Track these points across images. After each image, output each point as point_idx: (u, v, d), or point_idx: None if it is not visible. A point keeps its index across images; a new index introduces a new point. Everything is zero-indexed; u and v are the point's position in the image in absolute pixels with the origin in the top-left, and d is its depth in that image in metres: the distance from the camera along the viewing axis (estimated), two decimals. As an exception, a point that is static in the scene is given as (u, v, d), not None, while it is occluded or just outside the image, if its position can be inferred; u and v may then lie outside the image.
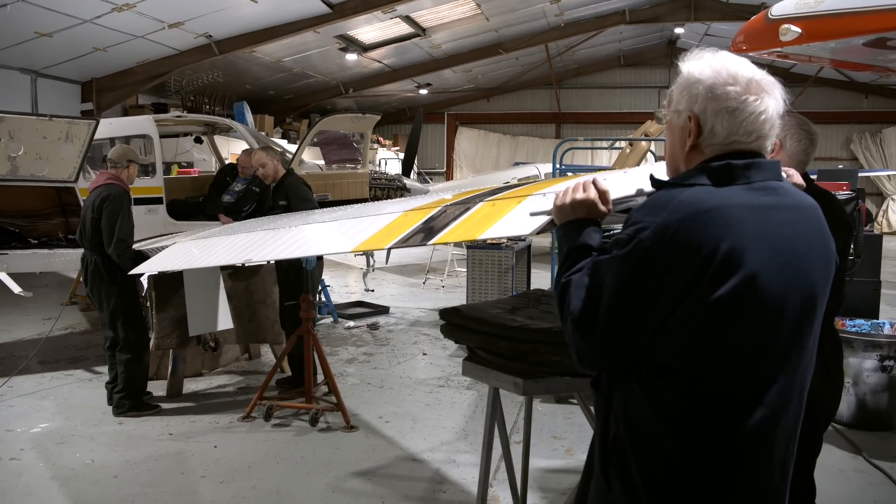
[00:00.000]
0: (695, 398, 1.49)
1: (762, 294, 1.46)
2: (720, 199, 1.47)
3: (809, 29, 4.41)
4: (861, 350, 4.79)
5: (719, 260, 1.42)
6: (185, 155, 11.50)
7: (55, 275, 10.49)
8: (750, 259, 1.44)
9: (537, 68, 20.43)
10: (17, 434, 4.82)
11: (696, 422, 1.49)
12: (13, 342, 7.31)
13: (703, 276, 1.43)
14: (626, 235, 1.50)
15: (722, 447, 1.49)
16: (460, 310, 2.90)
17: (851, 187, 6.21)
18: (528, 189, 2.35)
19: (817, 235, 1.58)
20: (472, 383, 5.79)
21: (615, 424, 1.58)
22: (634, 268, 1.47)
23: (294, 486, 4.06)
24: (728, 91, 1.52)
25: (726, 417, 1.49)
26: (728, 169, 1.52)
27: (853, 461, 4.41)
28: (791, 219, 1.53)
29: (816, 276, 1.55)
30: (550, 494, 3.95)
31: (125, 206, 5.11)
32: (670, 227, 1.44)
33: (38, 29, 9.89)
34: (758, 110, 1.53)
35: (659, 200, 1.51)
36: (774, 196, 1.53)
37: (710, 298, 1.43)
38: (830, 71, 17.38)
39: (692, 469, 1.49)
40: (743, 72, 1.54)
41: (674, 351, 1.49)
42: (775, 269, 1.47)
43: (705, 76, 1.55)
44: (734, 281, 1.43)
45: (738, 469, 1.50)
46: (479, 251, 7.27)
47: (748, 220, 1.46)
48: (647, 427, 1.52)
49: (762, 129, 1.54)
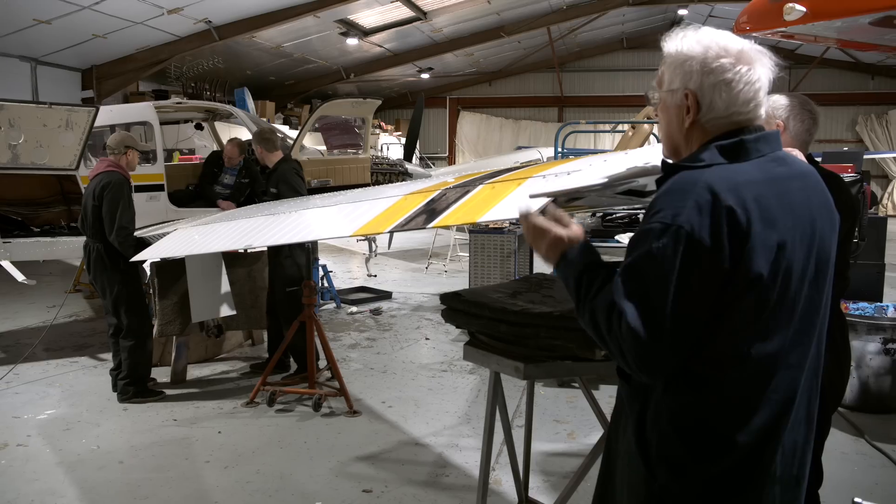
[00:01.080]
0: (739, 378, 1.51)
1: (791, 261, 1.51)
2: (742, 175, 1.50)
3: (815, 7, 4.36)
4: (864, 333, 4.78)
5: (755, 233, 1.44)
6: (187, 142, 11.46)
7: (58, 263, 10.51)
8: (778, 230, 1.48)
9: (539, 51, 20.29)
10: (23, 421, 4.86)
11: (738, 400, 1.52)
12: (18, 330, 7.34)
13: (742, 251, 1.44)
14: (661, 225, 1.45)
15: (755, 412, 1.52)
16: (461, 294, 2.89)
17: (856, 169, 6.18)
18: (528, 171, 2.34)
19: (824, 201, 1.63)
20: (475, 368, 5.80)
21: (660, 421, 1.56)
22: (684, 255, 1.42)
23: (298, 470, 4.08)
24: (723, 63, 1.54)
25: (759, 386, 1.53)
26: (741, 144, 1.54)
27: (855, 444, 4.41)
28: (802, 186, 1.58)
29: (828, 241, 1.61)
30: (553, 478, 3.96)
31: (126, 194, 5.11)
32: (704, 207, 1.43)
33: (36, 16, 9.84)
34: (752, 79, 1.55)
35: (683, 184, 1.49)
36: (786, 166, 1.58)
37: (753, 272, 1.45)
38: (836, 52, 17.24)
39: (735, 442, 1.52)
40: (732, 44, 1.56)
41: (725, 333, 1.48)
42: (798, 237, 1.52)
43: (696, 52, 1.56)
44: (770, 253, 1.47)
45: (772, 427, 1.55)
46: (482, 235, 7.26)
47: (769, 193, 1.50)
48: (694, 416, 1.53)
49: (758, 97, 1.57)
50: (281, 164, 5.72)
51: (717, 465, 1.54)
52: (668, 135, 1.66)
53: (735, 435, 1.53)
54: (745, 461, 1.54)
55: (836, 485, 3.85)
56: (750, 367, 1.52)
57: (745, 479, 1.55)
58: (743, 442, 1.53)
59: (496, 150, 21.75)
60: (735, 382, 1.52)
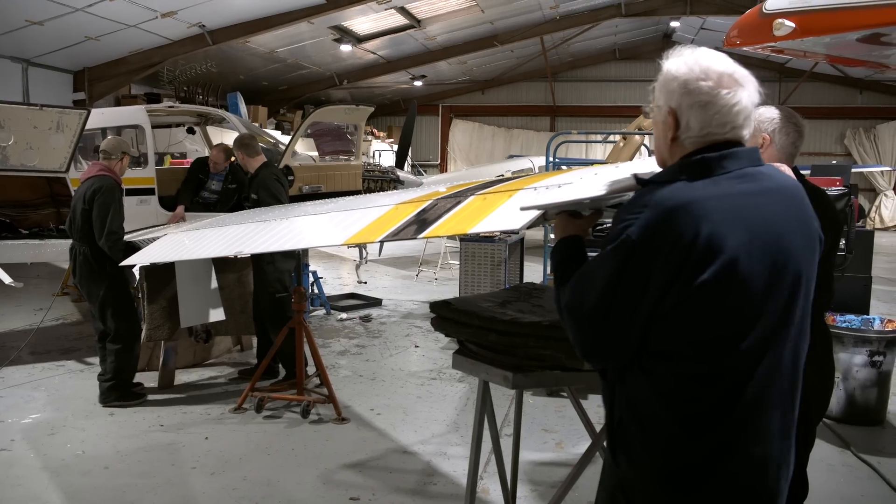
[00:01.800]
0: (687, 378, 1.58)
1: (744, 277, 1.54)
2: (696, 192, 1.56)
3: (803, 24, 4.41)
4: (851, 345, 4.82)
5: (700, 247, 1.52)
6: (178, 146, 11.43)
7: (46, 265, 10.44)
8: (729, 245, 1.52)
9: (532, 61, 20.39)
10: (7, 425, 4.81)
11: (690, 400, 1.59)
12: (4, 333, 7.28)
13: (687, 263, 1.53)
14: (615, 233, 1.61)
15: (715, 421, 1.58)
16: (451, 303, 2.90)
17: (844, 183, 6.22)
18: (520, 183, 2.35)
19: (797, 215, 1.65)
20: (464, 376, 5.80)
21: (619, 409, 1.68)
22: (624, 261, 1.57)
23: (285, 477, 4.07)
24: (700, 86, 1.60)
25: (717, 394, 1.58)
26: (703, 162, 1.61)
27: (841, 455, 4.44)
28: (768, 202, 1.61)
29: (799, 255, 1.63)
30: (541, 487, 3.96)
31: (117, 199, 5.09)
32: (651, 222, 1.55)
33: (29, 17, 9.80)
34: (730, 103, 1.60)
35: (641, 199, 1.60)
36: (751, 182, 1.61)
37: (695, 284, 1.53)
38: (825, 66, 17.43)
39: (690, 443, 1.59)
40: (716, 66, 1.61)
41: (665, 335, 1.58)
42: (756, 252, 1.55)
43: (681, 73, 1.63)
44: (716, 266, 1.52)
45: (734, 440, 1.59)
46: (473, 244, 7.27)
47: (724, 209, 1.55)
48: (647, 408, 1.62)
49: (736, 120, 1.61)
50: (261, 169, 5.72)
51: (671, 461, 1.60)
52: (657, 147, 1.75)
53: (685, 435, 1.59)
54: (702, 465, 1.59)
55: (823, 497, 3.87)
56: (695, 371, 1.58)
57: (701, 483, 1.59)
58: (694, 445, 1.59)
59: (488, 159, 21.79)
60: (681, 385, 1.59)
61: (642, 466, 1.63)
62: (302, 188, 7.57)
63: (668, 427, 1.59)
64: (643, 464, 1.63)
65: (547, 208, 1.94)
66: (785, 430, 1.66)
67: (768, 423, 1.62)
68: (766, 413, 1.61)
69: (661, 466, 1.61)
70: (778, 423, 1.64)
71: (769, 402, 1.61)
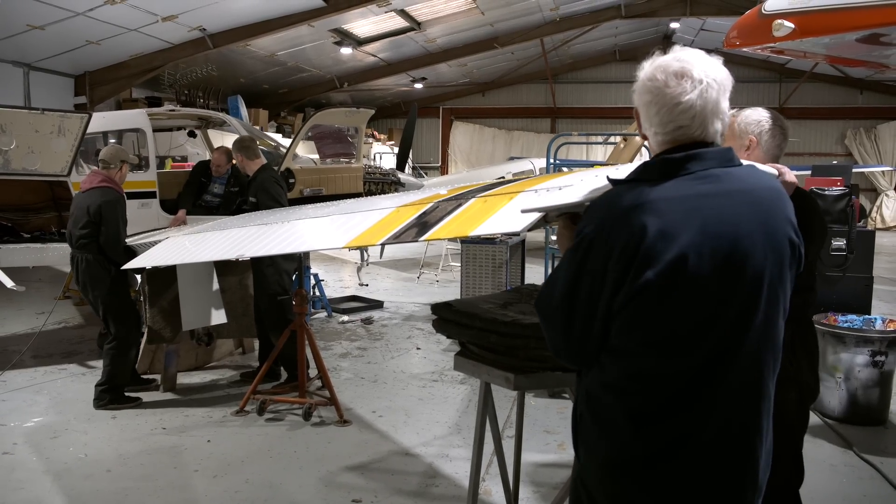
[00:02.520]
0: (637, 376, 1.61)
1: (692, 276, 1.54)
2: (652, 193, 1.58)
3: (802, 24, 4.42)
4: (853, 345, 4.82)
5: (647, 245, 1.54)
6: (179, 149, 11.44)
7: (48, 269, 10.44)
8: (677, 244, 1.53)
9: (532, 63, 20.40)
10: (10, 428, 4.82)
11: (639, 397, 1.61)
12: (6, 336, 7.29)
13: (634, 261, 1.55)
14: (577, 232, 1.67)
15: (663, 419, 1.60)
16: (452, 305, 2.90)
17: (845, 183, 6.22)
18: (520, 185, 2.36)
19: (764, 218, 1.62)
20: (466, 378, 5.81)
21: (580, 403, 1.73)
22: (581, 258, 1.62)
23: (287, 480, 4.07)
24: (647, 84, 1.64)
25: (666, 394, 1.59)
26: (665, 163, 1.63)
27: (843, 455, 4.44)
28: (729, 203, 1.59)
29: (761, 258, 1.60)
30: (542, 489, 3.96)
31: (122, 211, 5.21)
32: (606, 221, 1.59)
33: (30, 21, 9.81)
34: (673, 102, 1.60)
35: (601, 200, 1.66)
36: (714, 183, 1.60)
37: (640, 281, 1.55)
38: (826, 66, 17.42)
39: (638, 438, 1.61)
40: (673, 66, 1.62)
41: (619, 332, 1.61)
42: (707, 252, 1.55)
43: (643, 73, 1.67)
44: (661, 265, 1.53)
45: (683, 440, 1.60)
46: (474, 246, 7.27)
47: (677, 210, 1.55)
48: (600, 402, 1.66)
49: (680, 119, 1.62)
50: (260, 172, 5.73)
51: (619, 454, 1.63)
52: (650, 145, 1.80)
53: (632, 430, 1.61)
54: (649, 460, 1.60)
55: (825, 497, 3.87)
56: (645, 370, 1.59)
57: (652, 478, 1.61)
58: (641, 440, 1.61)
59: (489, 161, 21.78)
60: (632, 382, 1.61)
61: (595, 457, 1.68)
62: (303, 191, 7.58)
63: (618, 422, 1.62)
64: (596, 455, 1.67)
65: (548, 210, 1.94)
66: (745, 435, 1.63)
67: (725, 428, 1.60)
68: (721, 418, 1.60)
69: (611, 458, 1.64)
70: (736, 426, 1.62)
71: (725, 406, 1.60)
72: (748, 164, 1.73)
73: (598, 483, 1.68)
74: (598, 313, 1.61)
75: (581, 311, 1.63)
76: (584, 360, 1.70)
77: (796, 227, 1.68)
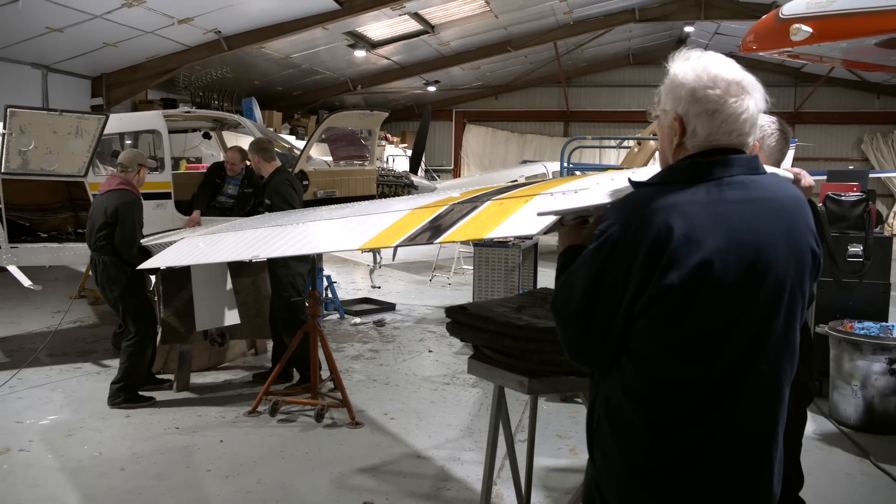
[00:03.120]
0: (658, 382, 1.59)
1: (716, 283, 1.53)
2: (680, 196, 1.57)
3: (821, 29, 4.39)
4: (870, 353, 4.77)
5: (673, 248, 1.52)
6: (194, 150, 11.52)
7: (64, 268, 10.53)
8: (703, 249, 1.52)
9: (546, 66, 20.37)
10: (26, 426, 4.86)
11: (660, 404, 1.59)
12: (23, 335, 7.37)
13: (658, 264, 1.53)
14: (598, 232, 1.63)
15: (683, 428, 1.59)
16: (466, 308, 2.90)
17: (862, 188, 6.15)
18: (536, 189, 2.35)
19: (788, 226, 1.62)
20: (478, 381, 5.80)
21: (598, 407, 1.71)
22: (605, 259, 1.59)
23: (299, 481, 4.08)
24: (708, 94, 1.59)
25: (688, 401, 1.58)
26: (693, 167, 1.61)
27: (860, 464, 4.39)
28: (754, 211, 1.59)
29: (784, 267, 1.60)
30: (554, 493, 3.95)
31: (138, 214, 5.27)
32: (632, 222, 1.56)
33: (49, 24, 9.93)
34: (738, 111, 1.59)
35: (626, 200, 1.63)
36: (740, 190, 1.59)
37: (663, 284, 1.53)
38: (842, 70, 17.26)
39: (657, 445, 1.60)
40: (724, 74, 1.60)
41: (640, 336, 1.59)
42: (732, 259, 1.54)
43: (688, 80, 1.62)
44: (686, 269, 1.52)
45: (702, 448, 1.58)
46: (486, 249, 7.27)
47: (704, 215, 1.54)
48: (619, 407, 1.64)
49: (742, 128, 1.61)
50: (275, 174, 5.76)
51: (637, 461, 1.61)
52: (662, 150, 1.76)
53: (651, 437, 1.59)
54: (669, 467, 1.59)
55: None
56: (666, 376, 1.58)
57: (671, 487, 1.59)
58: (661, 447, 1.59)
59: (501, 164, 21.77)
60: (652, 389, 1.59)
61: (612, 463, 1.66)
62: (316, 193, 7.60)
63: (637, 428, 1.61)
64: (613, 460, 1.66)
65: (564, 213, 1.94)
66: (763, 445, 1.63)
67: (743, 436, 1.60)
68: (740, 426, 1.59)
69: (629, 464, 1.63)
70: (755, 437, 1.62)
71: (744, 414, 1.59)
72: (771, 172, 1.72)
73: (615, 490, 1.66)
74: (619, 315, 1.59)
75: (601, 312, 1.61)
76: (600, 361, 1.69)
77: (817, 237, 1.68)
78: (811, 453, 4.37)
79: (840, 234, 5.55)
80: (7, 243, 6.25)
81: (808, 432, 3.99)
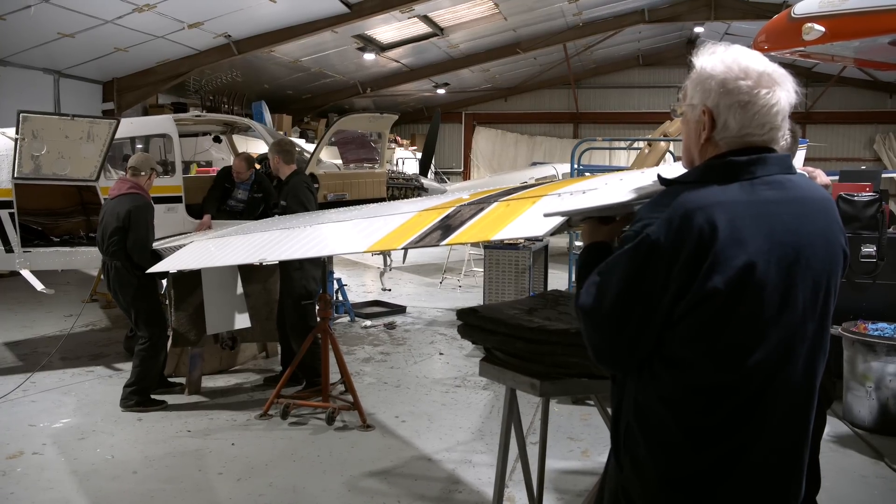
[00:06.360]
0: (696, 389, 1.54)
1: (759, 284, 1.50)
2: (720, 195, 1.52)
3: (833, 28, 4.35)
4: (884, 354, 4.72)
5: (717, 250, 1.47)
6: (204, 154, 11.58)
7: (76, 272, 10.61)
8: (746, 251, 1.48)
9: (555, 68, 20.34)
10: (39, 429, 4.89)
11: (698, 412, 1.54)
12: (35, 338, 7.42)
13: (701, 267, 1.48)
14: (633, 232, 1.56)
15: (722, 436, 1.54)
16: (477, 310, 2.89)
17: (875, 188, 6.10)
18: (543, 189, 2.35)
19: (823, 227, 1.60)
20: (489, 383, 5.78)
21: (626, 413, 1.64)
22: (643, 260, 1.52)
23: (310, 484, 4.08)
24: (740, 85, 1.55)
25: (727, 409, 1.53)
26: (730, 166, 1.56)
27: (875, 466, 4.34)
28: (793, 212, 1.56)
29: (820, 268, 1.58)
30: (566, 496, 3.93)
31: (150, 218, 5.31)
32: (673, 222, 1.50)
33: (60, 30, 10.03)
34: (770, 103, 1.56)
35: (663, 198, 1.57)
36: (779, 190, 1.56)
37: (707, 288, 1.47)
38: (853, 70, 17.12)
39: (694, 454, 1.55)
40: (754, 65, 1.57)
41: (678, 341, 1.54)
42: (774, 260, 1.51)
43: (717, 71, 1.58)
44: (730, 272, 1.47)
45: (740, 455, 1.55)
46: (497, 251, 7.26)
47: (747, 215, 1.50)
48: (654, 414, 1.58)
49: (774, 120, 1.57)
50: (292, 177, 5.76)
51: (673, 470, 1.56)
52: (686, 146, 1.70)
53: (690, 446, 1.55)
54: (704, 476, 1.55)
55: (855, 509, 3.79)
56: (705, 383, 1.53)
57: (703, 493, 1.56)
58: (698, 456, 1.55)
59: (511, 166, 21.76)
60: (690, 396, 1.54)
61: (645, 472, 1.60)
62: (327, 196, 7.62)
63: (673, 436, 1.56)
64: (646, 469, 1.59)
65: (571, 214, 1.92)
66: (796, 449, 1.61)
67: (779, 440, 1.57)
68: (776, 430, 1.56)
69: (663, 474, 1.57)
70: (789, 440, 1.59)
71: (780, 418, 1.56)
72: (800, 172, 1.69)
73: (649, 499, 1.61)
74: (655, 320, 1.53)
75: (636, 317, 1.54)
76: (628, 366, 1.63)
77: (846, 237, 1.66)
78: (825, 455, 4.31)
79: (853, 235, 5.50)
80: (20, 247, 6.29)
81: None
